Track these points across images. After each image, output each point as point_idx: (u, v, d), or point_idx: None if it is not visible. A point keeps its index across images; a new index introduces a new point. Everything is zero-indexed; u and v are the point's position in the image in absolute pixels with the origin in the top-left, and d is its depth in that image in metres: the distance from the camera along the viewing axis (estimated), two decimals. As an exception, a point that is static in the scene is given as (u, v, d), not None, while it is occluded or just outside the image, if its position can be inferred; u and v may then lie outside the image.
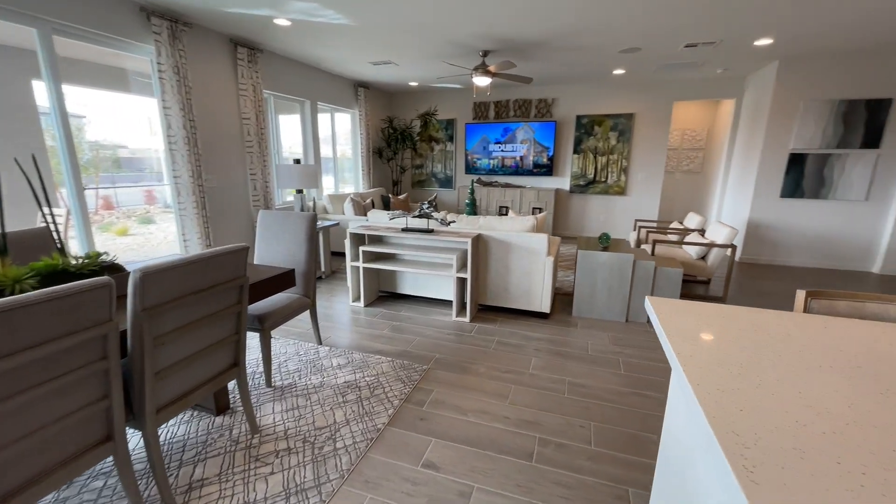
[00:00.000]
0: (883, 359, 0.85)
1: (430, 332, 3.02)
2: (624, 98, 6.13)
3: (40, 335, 1.04)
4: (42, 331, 1.04)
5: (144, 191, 3.78)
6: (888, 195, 4.69)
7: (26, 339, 1.01)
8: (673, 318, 1.04)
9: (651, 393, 2.26)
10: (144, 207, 3.92)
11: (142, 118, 3.62)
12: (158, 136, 3.59)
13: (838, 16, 3.31)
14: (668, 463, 1.05)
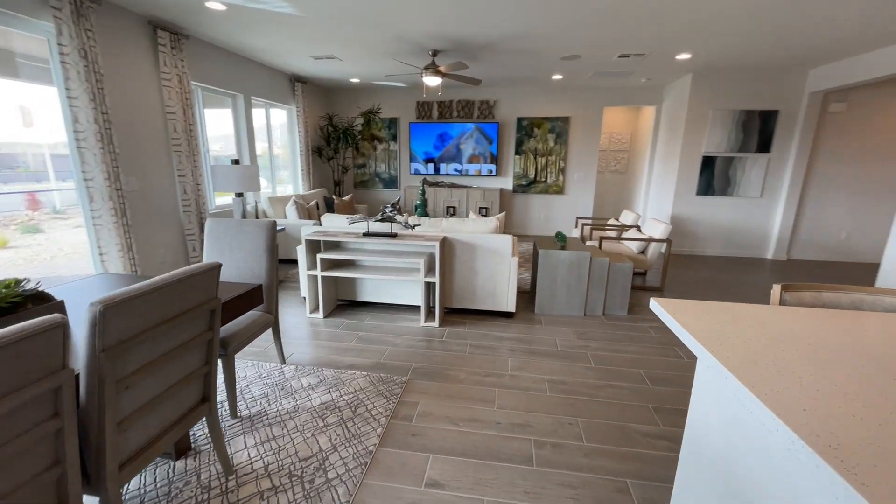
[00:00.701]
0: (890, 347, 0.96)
1: (401, 341, 2.91)
2: (561, 102, 6.47)
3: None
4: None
5: (27, 195, 3.14)
6: (777, 192, 5.51)
7: None
8: (687, 319, 1.09)
9: (622, 383, 2.40)
10: (26, 214, 3.27)
11: (13, 107, 2.99)
12: (47, 129, 3.01)
13: (740, 38, 3.80)
14: (699, 462, 1.10)
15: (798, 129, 5.24)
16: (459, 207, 6.64)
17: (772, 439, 0.82)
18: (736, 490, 0.92)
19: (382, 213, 3.13)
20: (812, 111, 5.12)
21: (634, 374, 2.50)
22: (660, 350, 2.83)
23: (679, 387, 2.37)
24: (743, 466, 0.90)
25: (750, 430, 0.89)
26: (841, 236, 5.56)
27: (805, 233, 5.61)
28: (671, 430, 1.99)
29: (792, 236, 5.61)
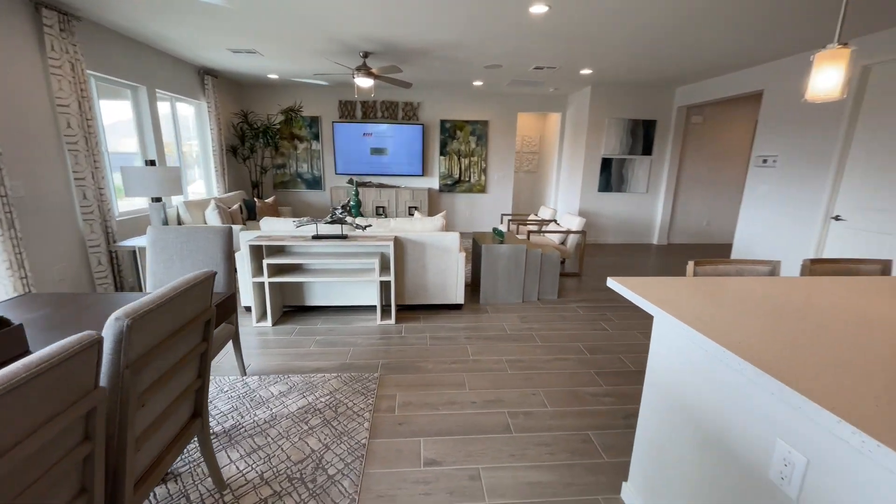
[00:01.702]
0: (814, 301, 1.37)
1: (362, 341, 2.96)
2: (480, 106, 6.90)
3: (20, 431, 0.74)
4: (23, 424, 0.75)
5: None
6: (658, 188, 6.62)
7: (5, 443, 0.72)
8: (639, 290, 1.42)
9: (567, 356, 2.78)
10: None
11: None
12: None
13: (628, 60, 4.54)
14: (659, 390, 1.42)
15: (670, 136, 6.36)
16: (389, 207, 6.70)
17: (713, 361, 1.14)
18: (688, 405, 1.25)
19: (332, 214, 3.12)
20: (679, 122, 6.26)
21: (574, 347, 2.91)
22: (589, 325, 3.30)
23: (609, 353, 2.83)
24: (692, 386, 1.23)
25: (696, 359, 1.21)
26: (703, 223, 6.89)
27: (679, 221, 6.83)
28: (612, 388, 2.40)
29: (670, 224, 6.80)
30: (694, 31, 3.52)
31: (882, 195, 3.43)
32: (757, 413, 1.00)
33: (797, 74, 4.21)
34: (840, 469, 0.80)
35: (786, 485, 0.90)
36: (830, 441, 0.81)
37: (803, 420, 0.87)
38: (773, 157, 4.54)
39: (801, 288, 1.49)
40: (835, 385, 0.82)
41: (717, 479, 1.13)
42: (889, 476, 0.71)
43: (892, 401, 0.77)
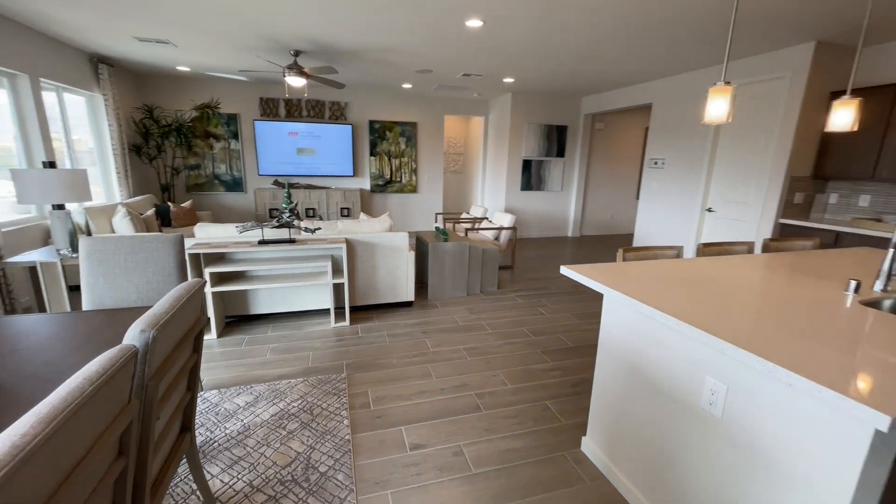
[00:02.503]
0: (710, 274, 1.77)
1: (320, 344, 2.95)
2: (409, 108, 7.04)
3: (78, 451, 0.74)
4: (80, 444, 0.74)
5: None
6: (570, 187, 7.41)
7: (66, 465, 0.71)
8: (594, 275, 1.72)
9: (515, 340, 3.09)
10: None
11: None
12: None
13: (543, 72, 5.07)
14: (611, 357, 1.74)
15: (579, 140, 7.16)
16: (319, 209, 6.53)
17: (654, 324, 1.47)
18: (635, 363, 1.57)
19: (279, 218, 3.04)
20: (586, 127, 7.08)
21: (520, 332, 3.24)
22: (528, 311, 3.67)
23: (550, 334, 3.20)
24: (637, 347, 1.55)
25: (639, 325, 1.54)
26: (608, 217, 7.87)
27: (589, 216, 7.71)
28: (558, 363, 2.75)
29: (582, 219, 7.64)
30: (600, 52, 4.08)
31: (739, 191, 4.34)
32: (689, 359, 1.33)
33: (678, 91, 5.08)
34: (749, 389, 1.13)
35: (713, 408, 1.24)
36: (742, 370, 1.15)
37: (723, 359, 1.21)
38: (661, 160, 5.41)
39: (700, 265, 1.93)
40: (739, 331, 1.17)
41: (661, 416, 1.46)
42: (781, 387, 1.05)
43: (777, 339, 1.13)
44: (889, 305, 1.57)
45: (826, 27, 3.24)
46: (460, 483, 1.70)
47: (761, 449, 1.11)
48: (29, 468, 0.59)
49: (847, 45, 3.67)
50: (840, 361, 1.00)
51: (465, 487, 1.68)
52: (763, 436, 1.10)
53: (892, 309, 1.58)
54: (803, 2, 2.76)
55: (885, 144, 3.42)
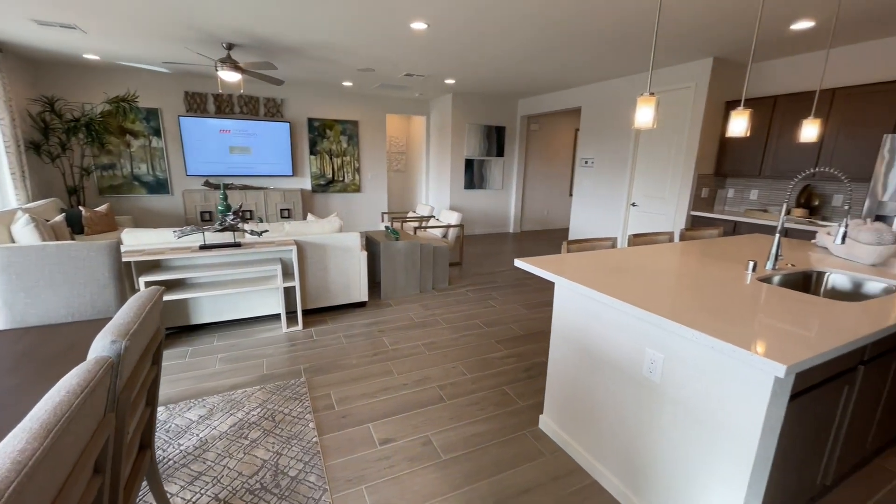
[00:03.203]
0: (641, 261, 2.00)
1: (273, 350, 2.85)
2: (349, 106, 6.91)
3: (65, 469, 0.71)
4: (67, 462, 0.72)
5: None
6: (510, 185, 7.76)
7: (59, 483, 0.69)
8: (545, 266, 1.89)
9: (470, 332, 3.23)
10: None
11: None
12: None
13: (483, 74, 5.29)
14: (564, 339, 1.92)
15: (516, 141, 7.53)
16: (258, 210, 6.20)
17: (600, 307, 1.66)
18: (584, 343, 1.76)
19: (222, 221, 2.89)
20: (522, 128, 7.46)
21: (474, 324, 3.38)
22: (480, 305, 3.84)
23: (502, 325, 3.38)
24: (586, 328, 1.74)
25: (588, 308, 1.72)
26: (545, 213, 8.36)
27: (527, 212, 8.13)
28: (511, 350, 2.93)
29: (521, 215, 8.04)
30: (533, 58, 4.36)
31: (656, 187, 4.88)
32: (632, 335, 1.53)
33: (604, 96, 5.55)
34: (681, 355, 1.34)
35: (653, 375, 1.44)
36: (675, 340, 1.36)
37: (659, 331, 1.41)
38: (591, 160, 5.88)
39: (632, 253, 2.19)
40: (669, 307, 1.38)
41: (609, 387, 1.65)
42: (708, 351, 1.27)
43: (698, 312, 1.35)
44: (778, 280, 1.92)
45: (720, 46, 3.76)
46: (432, 470, 1.78)
47: (693, 405, 1.32)
48: (31, 486, 0.57)
49: (738, 62, 4.28)
50: (746, 326, 1.23)
51: (437, 473, 1.76)
52: (694, 394, 1.31)
53: (780, 283, 1.92)
54: (701, 24, 3.19)
55: (767, 147, 4.06)
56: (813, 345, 1.11)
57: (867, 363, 1.49)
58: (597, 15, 3.06)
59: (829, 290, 2.05)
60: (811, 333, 1.19)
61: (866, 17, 3.00)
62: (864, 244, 2.09)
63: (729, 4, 2.82)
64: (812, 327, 1.23)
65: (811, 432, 1.38)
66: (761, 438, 1.15)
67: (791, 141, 3.89)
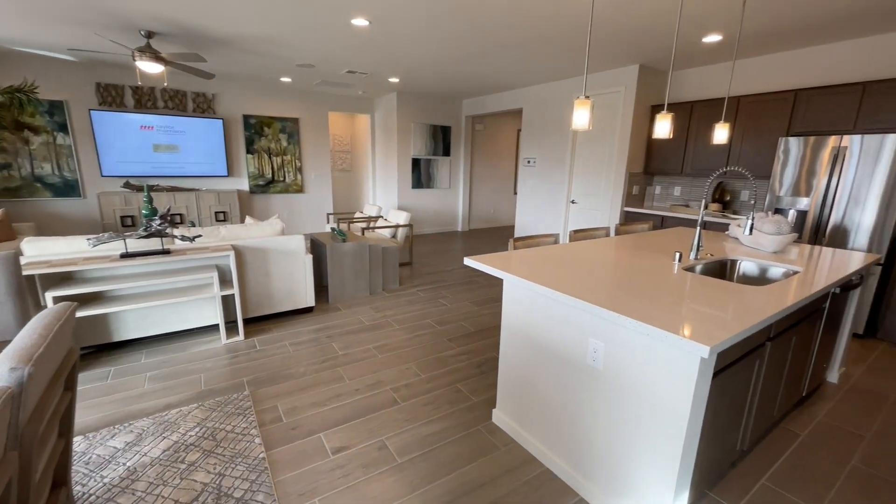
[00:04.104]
0: (581, 255, 2.10)
1: (212, 364, 2.65)
2: (289, 103, 6.60)
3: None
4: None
5: None
6: (457, 184, 7.84)
7: None
8: (493, 264, 1.94)
9: (423, 332, 3.23)
10: None
11: None
12: None
13: (427, 74, 5.31)
14: (513, 333, 1.97)
15: (462, 141, 7.62)
16: (189, 214, 5.73)
17: (546, 300, 1.73)
18: (533, 336, 1.82)
19: (147, 227, 2.63)
20: (468, 128, 7.57)
21: (426, 324, 3.38)
22: (431, 304, 3.85)
23: (453, 323, 3.42)
24: (534, 322, 1.80)
25: (534, 303, 1.79)
26: (491, 211, 8.56)
27: (475, 210, 8.28)
28: (463, 348, 2.96)
29: (469, 214, 8.16)
30: (478, 59, 4.44)
31: (593, 185, 5.18)
32: (576, 326, 1.61)
33: (544, 98, 5.78)
34: (620, 343, 1.44)
35: (596, 363, 1.53)
36: (614, 328, 1.45)
37: (600, 321, 1.50)
38: (533, 159, 6.11)
39: (573, 248, 2.31)
40: (610, 298, 1.47)
41: (557, 377, 1.73)
42: (643, 338, 1.36)
43: (634, 301, 1.45)
44: (700, 269, 2.11)
45: (645, 54, 4.07)
46: (389, 474, 1.75)
47: (633, 388, 1.41)
48: None
49: (660, 70, 4.66)
50: (675, 313, 1.34)
51: (394, 477, 1.74)
52: (633, 377, 1.41)
53: (702, 271, 2.12)
54: (627, 34, 3.43)
55: (687, 148, 4.46)
56: (730, 327, 1.24)
57: (773, 339, 1.69)
58: (533, 22, 3.18)
59: (741, 275, 2.30)
60: (728, 316, 1.32)
61: (764, 33, 3.39)
62: (767, 234, 2.37)
63: (650, 18, 3.06)
64: (729, 311, 1.38)
65: (731, 404, 1.54)
66: (691, 414, 1.26)
67: (707, 143, 4.30)
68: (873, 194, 3.09)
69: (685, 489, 1.39)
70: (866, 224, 3.14)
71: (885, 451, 1.97)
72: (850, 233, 3.21)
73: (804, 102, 3.60)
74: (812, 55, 3.72)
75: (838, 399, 2.39)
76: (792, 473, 1.81)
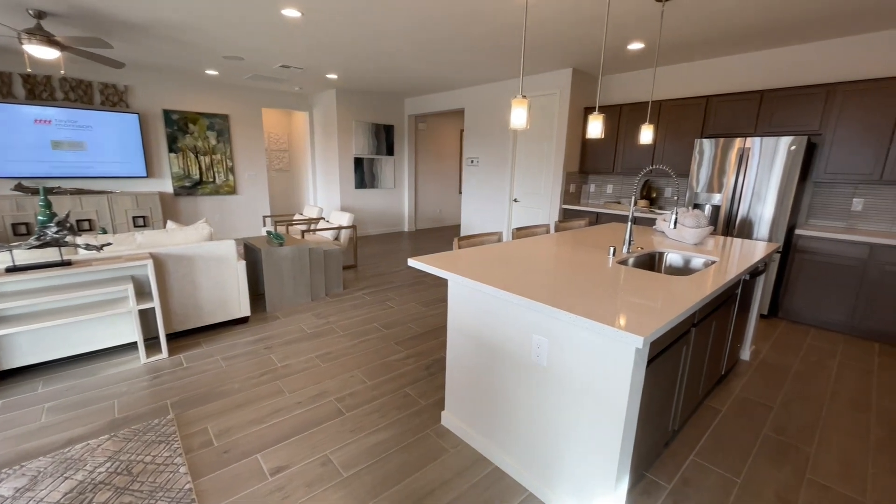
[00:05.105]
0: (523, 253, 2.12)
1: (128, 388, 2.37)
2: (217, 98, 6.12)
3: None
4: None
5: None
6: (402, 184, 7.75)
7: None
8: (438, 264, 1.91)
9: (368, 336, 3.13)
10: None
11: None
12: None
13: (368, 72, 5.18)
14: (460, 332, 1.95)
15: (405, 140, 7.55)
16: (100, 219, 5.10)
17: (490, 299, 1.73)
18: (478, 335, 1.82)
19: (41, 235, 2.28)
20: (410, 127, 7.50)
21: (372, 328, 3.28)
22: (378, 307, 3.75)
23: (401, 325, 3.35)
24: (479, 321, 1.80)
25: (479, 302, 1.78)
26: (437, 211, 8.57)
27: (421, 210, 8.23)
28: (411, 350, 2.91)
29: (415, 213, 8.11)
30: (417, 58, 4.40)
31: (533, 184, 5.35)
32: (520, 323, 1.62)
33: (485, 99, 5.87)
34: (564, 338, 1.47)
35: (540, 360, 1.55)
36: (557, 324, 1.48)
37: (543, 317, 1.52)
38: (476, 159, 6.19)
39: (515, 246, 2.35)
40: (551, 294, 1.49)
41: (503, 375, 1.73)
42: (583, 331, 1.40)
43: (572, 296, 1.49)
44: (632, 262, 2.23)
45: (577, 58, 4.27)
46: (334, 490, 1.66)
47: (575, 382, 1.45)
48: None
49: (592, 74, 4.92)
50: (611, 306, 1.39)
51: (339, 493, 1.65)
52: (575, 372, 1.44)
53: (634, 264, 2.25)
54: (560, 39, 3.58)
55: (617, 148, 4.75)
56: (661, 316, 1.30)
57: (697, 325, 1.82)
58: (460, 20, 3.20)
59: (667, 266, 2.47)
60: (659, 307, 1.40)
61: (680, 44, 3.69)
62: (688, 228, 2.57)
63: (581, 26, 3.20)
64: (659, 301, 1.45)
65: (663, 389, 1.63)
66: (628, 402, 1.31)
67: (634, 143, 4.61)
68: (771, 190, 3.48)
69: (626, 474, 1.45)
70: (766, 217, 3.53)
71: (790, 418, 2.21)
72: (755, 224, 3.60)
73: (714, 108, 3.97)
74: (721, 65, 4.12)
75: (750, 374, 2.66)
76: (716, 447, 1.97)
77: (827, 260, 3.36)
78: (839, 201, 3.64)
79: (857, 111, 3.27)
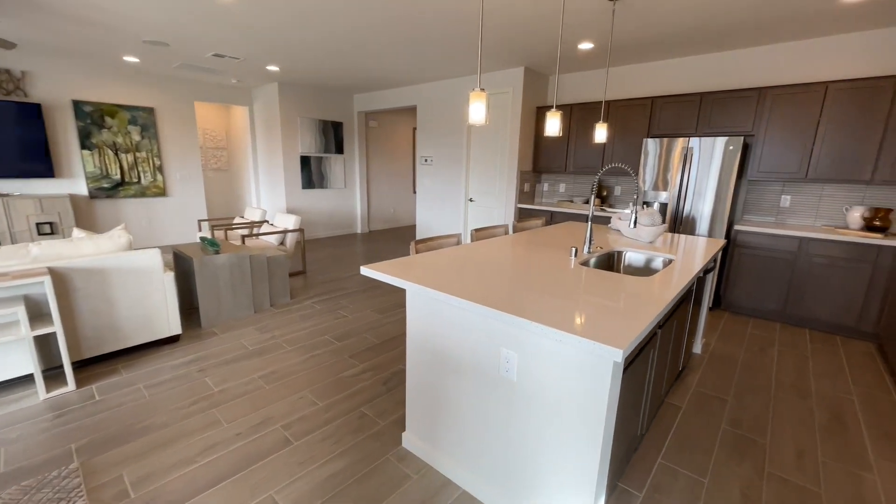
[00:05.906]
0: (484, 256, 1.98)
1: (21, 431, 1.96)
2: (139, 89, 5.47)
3: None
4: None
5: None
6: (354, 183, 7.43)
7: None
8: (393, 271, 1.74)
9: (319, 350, 2.87)
10: None
11: None
12: None
13: (312, 65, 4.87)
14: (418, 343, 1.79)
15: (355, 138, 7.23)
16: (-7, 228, 4.36)
17: (451, 309, 1.59)
18: (440, 348, 1.67)
19: None
20: (360, 125, 7.20)
21: (323, 341, 3.03)
22: (330, 316, 3.48)
23: (355, 336, 3.12)
24: (440, 332, 1.65)
25: (439, 312, 1.63)
26: (391, 211, 8.31)
27: (374, 211, 7.95)
28: (367, 363, 2.70)
29: (368, 214, 7.81)
30: (364, 50, 4.17)
31: (488, 183, 5.30)
32: (486, 335, 1.49)
33: (438, 96, 5.73)
34: (535, 351, 1.35)
35: (510, 374, 1.43)
36: (527, 336, 1.36)
37: (512, 328, 1.40)
38: (430, 158, 6.04)
39: (475, 249, 2.23)
40: (518, 303, 1.37)
41: (469, 391, 1.59)
42: (554, 344, 1.29)
43: (541, 304, 1.37)
44: (594, 262, 2.19)
45: (529, 57, 4.25)
46: (279, 540, 1.44)
47: (549, 396, 1.34)
48: None
49: (543, 73, 4.93)
50: (583, 313, 1.29)
51: (285, 543, 1.43)
52: (549, 386, 1.33)
53: (595, 265, 2.20)
54: (512, 38, 3.52)
55: (569, 148, 4.81)
56: (636, 324, 1.22)
57: (662, 326, 1.79)
58: (416, 16, 3.04)
59: (626, 266, 2.46)
60: (631, 312, 1.32)
61: (629, 44, 3.76)
62: (644, 226, 2.58)
63: (533, 20, 3.14)
64: (630, 305, 1.38)
65: (635, 395, 1.57)
66: (607, 416, 1.22)
67: (586, 143, 4.68)
68: (710, 188, 3.64)
69: (603, 488, 1.36)
70: (706, 213, 3.69)
71: (743, 410, 2.27)
72: (697, 221, 3.75)
73: (659, 108, 4.10)
74: (666, 68, 4.27)
75: (703, 367, 2.73)
76: (680, 447, 1.96)
77: (763, 253, 3.57)
78: (770, 198, 3.90)
79: (785, 114, 3.49)
